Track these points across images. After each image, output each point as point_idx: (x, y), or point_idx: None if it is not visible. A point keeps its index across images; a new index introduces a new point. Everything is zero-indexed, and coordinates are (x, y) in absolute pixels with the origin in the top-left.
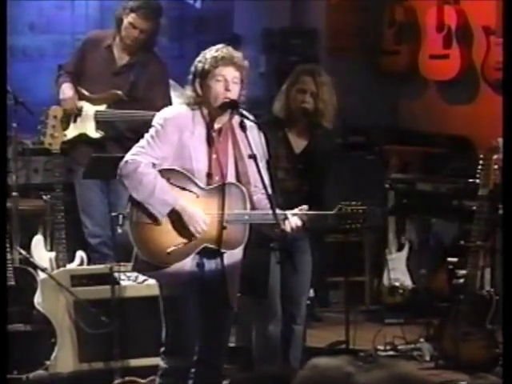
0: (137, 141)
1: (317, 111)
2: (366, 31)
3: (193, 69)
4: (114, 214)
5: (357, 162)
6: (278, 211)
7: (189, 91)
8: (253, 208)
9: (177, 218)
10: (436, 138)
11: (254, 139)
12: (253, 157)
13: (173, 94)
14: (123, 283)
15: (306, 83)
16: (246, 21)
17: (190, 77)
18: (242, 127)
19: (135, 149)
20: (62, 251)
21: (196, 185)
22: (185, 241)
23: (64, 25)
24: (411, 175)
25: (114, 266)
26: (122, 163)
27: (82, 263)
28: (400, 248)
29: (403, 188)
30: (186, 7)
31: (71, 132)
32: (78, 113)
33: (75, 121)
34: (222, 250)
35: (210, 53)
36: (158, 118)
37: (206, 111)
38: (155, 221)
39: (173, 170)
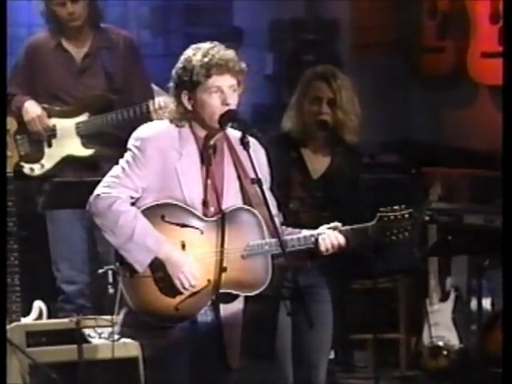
0: None
1: (337, 123)
2: (402, 24)
3: (175, 76)
4: (100, 270)
5: (388, 187)
6: (310, 231)
7: (172, 105)
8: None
9: (159, 269)
10: (489, 158)
11: (258, 159)
12: (257, 181)
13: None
14: (93, 341)
15: (320, 90)
16: (249, 11)
17: (172, 85)
18: (244, 144)
19: (108, 179)
20: (15, 302)
21: (198, 218)
22: (194, 289)
23: (18, 15)
24: (457, 205)
25: (80, 319)
26: (92, 198)
27: (40, 317)
28: (444, 297)
29: (448, 221)
30: None
31: (51, 159)
32: (52, 134)
33: (50, 145)
34: (238, 293)
35: (196, 57)
36: (134, 138)
37: (196, 126)
38: (135, 272)
39: (167, 204)
